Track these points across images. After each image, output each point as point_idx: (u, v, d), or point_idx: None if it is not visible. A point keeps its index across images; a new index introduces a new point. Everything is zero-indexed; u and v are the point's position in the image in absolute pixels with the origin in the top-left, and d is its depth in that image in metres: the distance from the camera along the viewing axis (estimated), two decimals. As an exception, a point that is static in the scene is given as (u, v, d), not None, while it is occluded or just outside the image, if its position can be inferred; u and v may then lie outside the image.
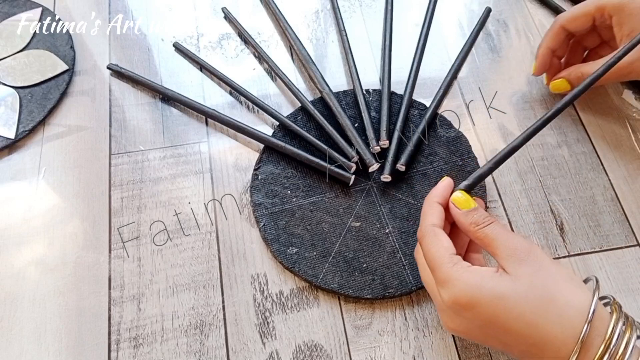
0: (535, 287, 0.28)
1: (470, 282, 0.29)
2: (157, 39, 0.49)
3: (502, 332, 0.28)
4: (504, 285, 0.28)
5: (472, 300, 0.28)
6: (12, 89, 0.45)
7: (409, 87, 0.45)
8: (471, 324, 0.29)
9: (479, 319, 0.29)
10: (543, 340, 0.28)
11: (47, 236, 0.39)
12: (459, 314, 0.30)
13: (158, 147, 0.43)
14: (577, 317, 0.27)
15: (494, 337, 0.29)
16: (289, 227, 0.39)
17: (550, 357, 0.28)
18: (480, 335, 0.30)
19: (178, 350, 0.35)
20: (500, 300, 0.28)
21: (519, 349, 0.29)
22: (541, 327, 0.27)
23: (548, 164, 0.43)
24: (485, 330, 0.29)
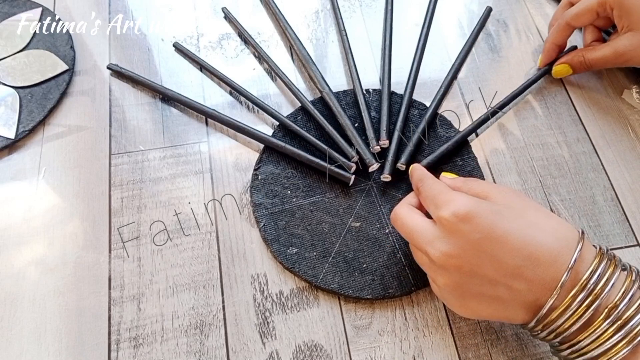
0: (528, 207, 0.31)
1: (470, 199, 0.31)
2: (157, 39, 0.49)
3: (498, 245, 0.29)
4: (500, 205, 0.31)
5: (472, 211, 0.30)
6: (12, 89, 0.45)
7: (409, 87, 0.45)
8: (466, 241, 0.29)
9: (476, 230, 0.29)
10: (538, 250, 0.29)
11: (47, 236, 0.39)
12: (455, 230, 0.30)
13: (158, 147, 0.43)
14: (570, 234, 0.30)
15: (488, 253, 0.29)
16: (289, 227, 0.39)
17: (543, 269, 0.28)
18: (473, 255, 0.29)
19: (178, 350, 0.35)
20: (498, 213, 0.30)
21: (512, 263, 0.29)
22: (538, 238, 0.29)
23: (548, 164, 0.43)
24: (480, 246, 0.29)
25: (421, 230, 0.32)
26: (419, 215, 0.33)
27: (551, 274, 0.28)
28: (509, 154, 0.44)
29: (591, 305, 0.27)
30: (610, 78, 0.48)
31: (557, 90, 0.47)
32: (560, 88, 0.47)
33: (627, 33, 0.42)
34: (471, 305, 0.31)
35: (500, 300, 0.30)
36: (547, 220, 0.30)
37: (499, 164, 0.43)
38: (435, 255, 0.31)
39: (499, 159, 0.43)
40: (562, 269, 0.28)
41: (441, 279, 0.31)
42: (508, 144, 0.44)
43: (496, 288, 0.30)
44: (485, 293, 0.30)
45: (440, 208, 0.31)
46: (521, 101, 0.46)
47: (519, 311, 0.30)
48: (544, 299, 0.28)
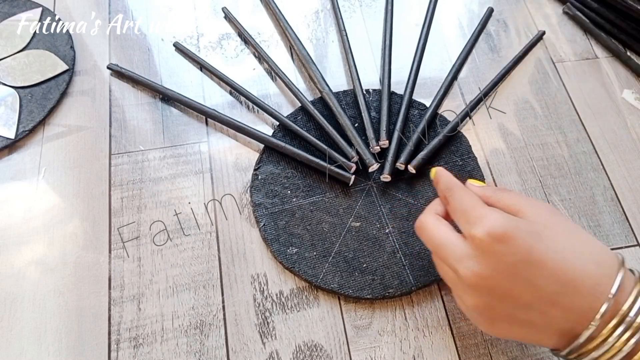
0: (570, 229, 0.29)
1: (507, 217, 0.28)
2: (157, 39, 0.49)
3: (536, 269, 0.27)
4: (538, 225, 0.28)
5: (509, 231, 0.27)
6: (12, 89, 0.45)
7: (409, 87, 0.45)
8: (501, 263, 0.27)
9: (513, 253, 0.27)
10: (578, 277, 0.27)
11: (47, 236, 0.39)
12: (489, 252, 0.27)
13: (158, 147, 0.43)
14: (610, 260, 0.27)
15: (523, 277, 0.27)
16: (289, 227, 0.39)
17: (582, 297, 0.26)
18: (507, 278, 0.27)
19: (178, 350, 0.35)
20: (536, 234, 0.28)
21: (549, 289, 0.27)
22: (577, 263, 0.27)
23: (548, 164, 0.43)
24: (515, 269, 0.27)
25: (450, 246, 0.30)
26: (448, 228, 0.31)
27: (589, 303, 0.26)
28: (509, 154, 0.44)
29: (631, 338, 0.25)
30: (610, 78, 0.48)
31: (557, 90, 0.47)
32: (561, 88, 0.47)
33: None
34: (501, 327, 0.29)
35: (533, 325, 0.28)
36: (587, 245, 0.28)
37: (499, 164, 0.43)
38: (466, 275, 0.28)
39: (499, 159, 0.43)
40: (601, 298, 0.26)
41: (470, 299, 0.29)
42: (508, 144, 0.44)
43: (530, 313, 0.28)
44: (518, 317, 0.28)
45: (473, 225, 0.28)
46: (521, 101, 0.46)
47: (552, 337, 0.28)
48: (580, 328, 0.26)
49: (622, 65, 0.48)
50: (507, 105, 0.46)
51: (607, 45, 0.49)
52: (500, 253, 0.27)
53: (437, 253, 0.31)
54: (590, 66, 0.48)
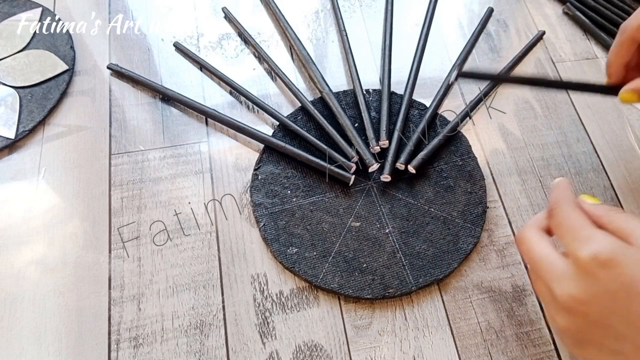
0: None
1: (617, 242, 0.27)
2: (157, 39, 0.49)
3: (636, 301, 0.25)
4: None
5: (616, 258, 0.26)
6: (12, 89, 0.45)
7: (409, 87, 0.45)
8: (601, 289, 0.26)
9: (616, 280, 0.26)
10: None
11: (47, 236, 0.39)
12: (591, 275, 0.26)
13: (158, 147, 0.43)
14: None
15: (623, 306, 0.26)
16: (289, 227, 0.39)
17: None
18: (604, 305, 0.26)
19: (178, 350, 0.35)
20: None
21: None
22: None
23: (548, 164, 0.43)
24: (615, 297, 0.26)
25: (550, 264, 0.28)
26: (549, 245, 0.30)
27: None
28: (509, 154, 0.44)
29: None
30: (610, 78, 0.48)
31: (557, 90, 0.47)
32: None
33: None
34: (589, 351, 0.28)
35: (624, 356, 0.27)
36: None
37: (499, 164, 0.43)
38: (562, 296, 0.27)
39: (499, 159, 0.43)
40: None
41: (563, 321, 0.28)
42: (508, 144, 0.44)
43: (622, 344, 0.27)
44: (609, 346, 0.27)
45: (579, 245, 0.27)
46: (521, 101, 0.46)
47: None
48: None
49: (622, 65, 0.48)
50: (507, 105, 0.46)
51: (607, 45, 0.49)
52: (603, 279, 0.26)
53: (534, 269, 0.30)
54: (590, 66, 0.48)
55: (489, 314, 0.37)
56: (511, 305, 0.37)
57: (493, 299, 0.38)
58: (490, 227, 0.40)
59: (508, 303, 0.37)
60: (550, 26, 0.51)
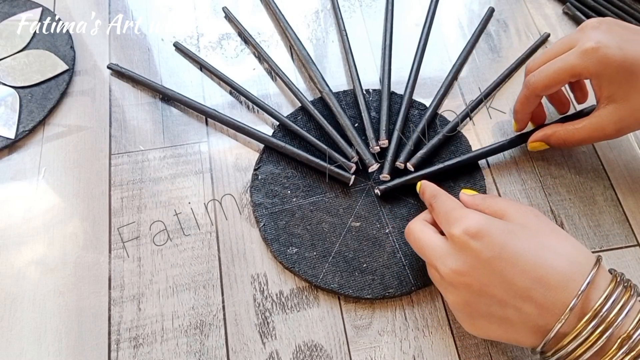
0: (544, 229, 0.30)
1: (483, 217, 0.31)
2: (157, 39, 0.49)
3: (509, 265, 0.29)
4: (515, 225, 0.30)
5: (484, 229, 0.29)
6: (12, 89, 0.45)
7: (409, 87, 0.45)
8: (476, 259, 0.29)
9: (487, 249, 0.29)
10: (549, 274, 0.28)
11: (47, 236, 0.39)
12: (466, 248, 0.30)
13: (158, 147, 0.43)
14: (584, 259, 0.29)
15: (498, 272, 0.29)
16: (289, 227, 0.39)
17: (554, 293, 0.28)
18: (482, 274, 0.29)
19: (178, 350, 0.35)
20: (510, 232, 0.30)
21: (522, 285, 0.28)
22: (550, 260, 0.28)
23: (548, 164, 0.43)
24: (490, 265, 0.29)
25: (432, 246, 0.32)
26: (432, 231, 0.33)
27: (562, 299, 0.27)
28: (508, 154, 0.44)
29: (604, 333, 0.26)
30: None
31: (557, 90, 0.47)
32: (560, 88, 0.47)
33: (610, 105, 0.36)
34: (480, 324, 0.31)
35: (510, 322, 0.29)
36: (562, 243, 0.29)
37: (498, 164, 0.43)
38: (445, 272, 0.30)
39: (499, 159, 0.43)
40: (573, 294, 0.27)
41: (450, 296, 0.31)
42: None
43: (505, 309, 0.29)
44: (495, 314, 0.29)
45: (452, 225, 0.31)
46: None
47: (529, 335, 0.29)
48: (554, 324, 0.28)
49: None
50: (507, 105, 0.46)
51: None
52: (476, 249, 0.29)
53: (422, 254, 0.33)
54: (590, 66, 0.48)
55: (489, 314, 0.37)
56: (511, 305, 0.37)
57: (493, 299, 0.38)
58: (490, 227, 0.40)
59: (508, 303, 0.37)
60: (550, 26, 0.51)
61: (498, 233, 0.29)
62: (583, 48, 0.35)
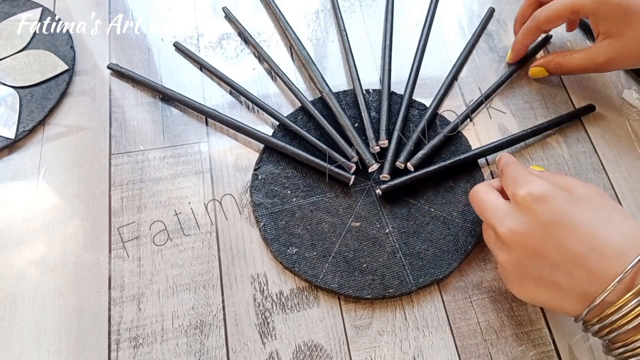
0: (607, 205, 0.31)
1: (549, 184, 0.31)
2: (157, 39, 0.49)
3: (567, 231, 0.29)
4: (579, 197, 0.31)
5: (548, 194, 0.30)
6: (12, 89, 0.45)
7: (409, 87, 0.45)
8: (535, 222, 0.30)
9: (548, 213, 0.30)
10: (605, 244, 0.29)
11: (47, 236, 0.39)
12: (527, 210, 0.30)
13: (158, 147, 0.43)
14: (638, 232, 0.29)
15: (554, 237, 0.29)
16: (289, 227, 0.39)
17: (607, 262, 0.28)
18: (539, 236, 0.30)
19: (178, 350, 0.35)
20: (573, 202, 0.30)
21: (577, 251, 0.29)
22: (607, 232, 0.29)
23: (548, 164, 0.43)
24: (548, 229, 0.30)
25: (494, 207, 0.33)
26: (496, 195, 0.34)
27: (614, 269, 0.28)
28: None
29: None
30: (610, 77, 0.48)
31: (557, 90, 0.47)
32: (561, 89, 0.47)
33: (605, 40, 0.41)
34: (529, 287, 0.31)
35: (559, 287, 0.30)
36: (623, 220, 0.30)
37: (499, 164, 0.43)
38: (502, 231, 0.31)
39: (499, 159, 0.43)
40: (624, 266, 0.28)
41: (504, 255, 0.32)
42: (508, 144, 0.44)
43: (556, 274, 0.30)
44: (545, 277, 0.30)
45: (518, 187, 0.32)
46: (521, 101, 0.46)
47: (574, 301, 0.29)
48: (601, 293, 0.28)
49: (622, 65, 0.48)
50: (507, 105, 0.46)
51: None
52: (537, 212, 0.30)
53: (482, 215, 0.34)
54: (590, 66, 0.48)
55: (489, 314, 0.37)
56: (511, 305, 0.37)
57: (493, 299, 0.38)
58: (490, 227, 0.40)
59: (508, 303, 0.37)
60: (550, 26, 0.51)
61: (561, 201, 0.30)
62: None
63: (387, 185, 0.40)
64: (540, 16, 0.43)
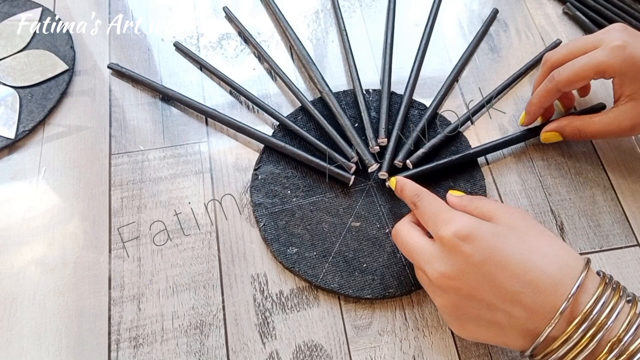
0: (533, 231, 0.30)
1: (472, 219, 0.30)
2: (157, 39, 0.49)
3: (499, 269, 0.28)
4: (504, 227, 0.30)
5: (474, 232, 0.29)
6: (12, 89, 0.45)
7: (409, 87, 0.45)
8: (466, 263, 0.29)
9: (478, 252, 0.29)
10: (539, 277, 0.28)
11: (47, 236, 0.39)
12: (455, 252, 0.29)
13: (158, 147, 0.43)
14: (573, 261, 0.29)
15: (487, 277, 0.28)
16: (289, 227, 0.39)
17: (544, 297, 0.28)
18: (472, 278, 0.29)
19: (178, 350, 0.35)
20: (500, 236, 0.29)
21: (512, 289, 0.28)
22: (539, 264, 0.28)
23: (548, 164, 0.43)
24: (479, 269, 0.29)
25: (420, 249, 0.31)
26: (419, 234, 0.33)
27: (551, 303, 0.27)
28: (508, 154, 0.44)
29: (594, 337, 0.26)
30: (610, 78, 0.48)
31: (557, 90, 0.47)
32: (560, 88, 0.47)
33: (630, 103, 0.37)
34: (469, 328, 0.31)
35: (499, 325, 0.29)
36: (551, 246, 0.29)
37: (498, 164, 0.43)
38: (434, 276, 0.30)
39: (499, 159, 0.43)
40: (562, 297, 0.27)
41: (439, 299, 0.31)
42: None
43: (494, 313, 0.29)
44: (484, 317, 0.29)
45: (441, 227, 0.30)
46: (521, 101, 0.46)
47: (518, 338, 0.29)
48: (543, 328, 0.27)
49: (622, 65, 0.48)
50: (507, 105, 0.46)
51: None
52: (466, 253, 0.29)
53: (409, 257, 0.33)
54: (590, 66, 0.48)
55: (489, 314, 0.37)
56: (511, 305, 0.37)
57: (493, 299, 0.38)
58: (490, 227, 0.40)
59: (508, 303, 0.37)
60: (551, 26, 0.51)
61: (488, 236, 0.29)
62: (610, 46, 0.36)
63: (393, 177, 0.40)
64: (561, 77, 0.38)
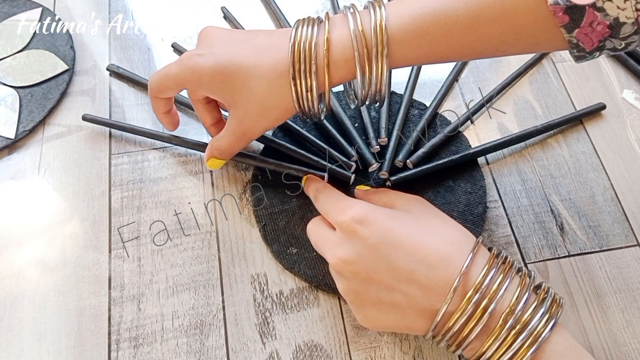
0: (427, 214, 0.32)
1: (369, 205, 0.32)
2: (157, 39, 0.49)
3: (394, 249, 0.29)
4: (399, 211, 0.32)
5: (370, 216, 0.30)
6: (12, 89, 0.45)
7: (409, 87, 0.45)
8: (363, 246, 0.30)
9: (374, 235, 0.29)
10: (431, 254, 0.29)
11: (47, 236, 0.39)
12: (353, 235, 0.30)
13: (158, 147, 0.43)
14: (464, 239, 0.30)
15: (384, 257, 0.29)
16: (289, 227, 0.39)
17: (436, 273, 0.28)
18: (369, 260, 0.29)
19: (178, 350, 0.35)
20: (395, 217, 0.31)
21: (406, 268, 0.29)
22: (431, 241, 0.29)
23: (548, 164, 0.43)
24: (376, 251, 0.29)
25: (324, 240, 0.32)
26: (325, 227, 0.33)
27: (444, 278, 0.28)
28: (508, 154, 0.44)
29: (487, 309, 0.27)
30: (610, 78, 0.48)
31: (557, 90, 0.47)
32: (561, 88, 0.47)
33: (230, 111, 0.35)
34: (372, 314, 0.31)
35: (398, 307, 0.29)
36: (443, 226, 0.31)
37: (498, 164, 0.43)
38: (334, 262, 0.31)
39: (499, 159, 0.43)
40: (454, 273, 0.28)
41: (341, 286, 0.31)
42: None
43: (393, 294, 0.29)
44: (383, 300, 0.30)
45: (339, 214, 0.31)
46: (521, 101, 0.46)
47: (418, 319, 0.29)
48: (439, 305, 0.28)
49: (622, 65, 0.48)
50: (507, 105, 0.46)
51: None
52: (363, 236, 0.30)
53: (318, 250, 0.34)
54: (590, 66, 0.48)
55: (489, 314, 0.37)
56: (511, 305, 0.37)
57: (493, 299, 0.38)
58: (490, 227, 0.40)
59: (508, 303, 0.37)
60: (550, 26, 0.51)
61: (384, 219, 0.30)
62: (180, 58, 0.34)
63: (397, 176, 0.40)
64: (150, 84, 0.36)
